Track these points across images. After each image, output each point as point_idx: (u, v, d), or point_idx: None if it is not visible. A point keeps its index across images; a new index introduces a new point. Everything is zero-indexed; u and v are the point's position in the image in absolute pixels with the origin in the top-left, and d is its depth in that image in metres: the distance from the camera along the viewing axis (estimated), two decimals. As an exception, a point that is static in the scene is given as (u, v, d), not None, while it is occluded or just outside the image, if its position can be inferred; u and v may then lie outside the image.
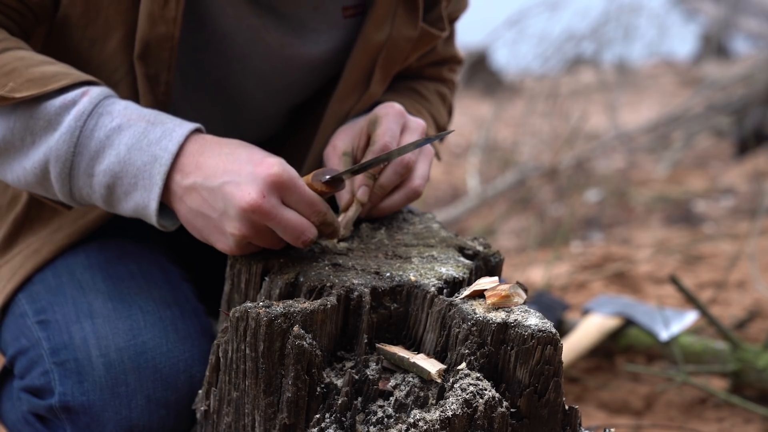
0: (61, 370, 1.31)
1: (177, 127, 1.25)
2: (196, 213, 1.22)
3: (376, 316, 1.18)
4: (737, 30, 10.48)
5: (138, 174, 1.23)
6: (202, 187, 1.21)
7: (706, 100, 6.15)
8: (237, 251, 1.23)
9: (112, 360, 1.30)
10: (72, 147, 1.24)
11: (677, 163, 5.72)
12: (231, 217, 1.19)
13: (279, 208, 1.18)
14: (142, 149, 1.23)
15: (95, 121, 1.24)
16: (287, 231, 1.20)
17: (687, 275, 3.29)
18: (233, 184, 1.19)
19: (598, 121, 6.42)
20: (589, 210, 4.88)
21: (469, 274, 1.25)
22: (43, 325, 1.36)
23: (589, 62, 7.26)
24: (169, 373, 1.32)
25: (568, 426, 1.12)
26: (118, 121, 1.24)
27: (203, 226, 1.23)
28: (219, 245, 1.23)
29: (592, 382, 2.48)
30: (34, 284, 1.41)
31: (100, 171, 1.25)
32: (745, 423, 2.20)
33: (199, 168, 1.22)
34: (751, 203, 4.66)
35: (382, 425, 1.08)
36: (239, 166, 1.20)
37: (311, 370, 1.11)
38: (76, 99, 1.25)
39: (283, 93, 1.51)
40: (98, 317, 1.33)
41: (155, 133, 1.24)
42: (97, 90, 1.27)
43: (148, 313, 1.35)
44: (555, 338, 1.09)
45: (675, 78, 9.01)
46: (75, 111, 1.24)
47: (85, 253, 1.42)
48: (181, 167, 1.22)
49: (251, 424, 1.16)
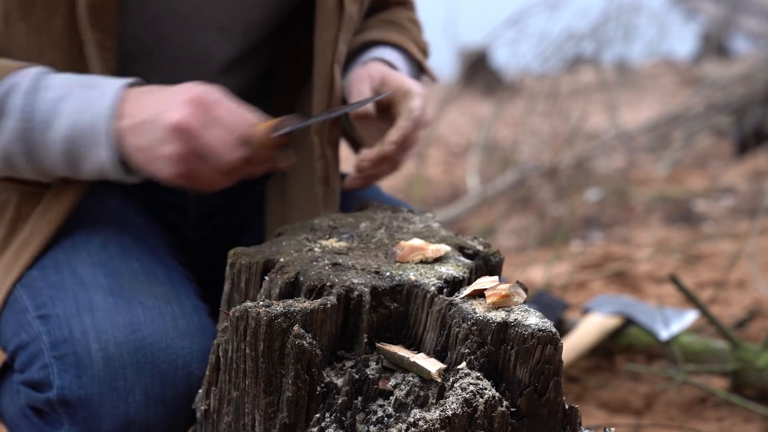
0: (60, 363, 1.31)
1: (112, 83, 1.34)
2: (139, 149, 1.31)
3: (376, 316, 1.18)
4: (737, 29, 10.48)
5: (87, 135, 1.32)
6: (138, 123, 1.31)
7: (706, 99, 6.14)
8: (177, 176, 1.31)
9: (111, 354, 1.30)
10: (25, 123, 1.33)
11: (677, 162, 5.71)
12: (164, 141, 1.28)
13: (203, 127, 1.28)
14: (84, 110, 1.32)
15: (40, 95, 1.33)
16: (213, 154, 1.29)
17: (687, 275, 3.29)
18: (163, 112, 1.29)
19: (598, 121, 6.42)
20: (589, 209, 4.88)
21: (469, 274, 1.25)
22: (43, 319, 1.36)
23: (589, 62, 7.25)
24: (167, 369, 1.32)
25: (568, 425, 1.12)
26: (58, 92, 1.33)
27: (147, 159, 1.31)
28: (162, 174, 1.31)
29: (592, 382, 2.48)
30: (35, 280, 1.41)
31: (54, 140, 1.33)
32: (745, 422, 2.20)
33: (136, 108, 1.32)
34: (751, 203, 4.65)
35: (382, 425, 1.08)
36: (169, 97, 1.31)
37: (311, 369, 1.11)
38: (17, 81, 1.33)
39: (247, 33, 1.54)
40: (98, 311, 1.34)
41: (93, 94, 1.33)
42: (34, 69, 1.35)
43: (149, 309, 1.35)
44: (555, 338, 1.09)
45: (675, 77, 9.01)
46: (20, 91, 1.32)
47: (87, 250, 1.43)
48: (120, 114, 1.32)
49: (251, 423, 1.16)
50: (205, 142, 1.28)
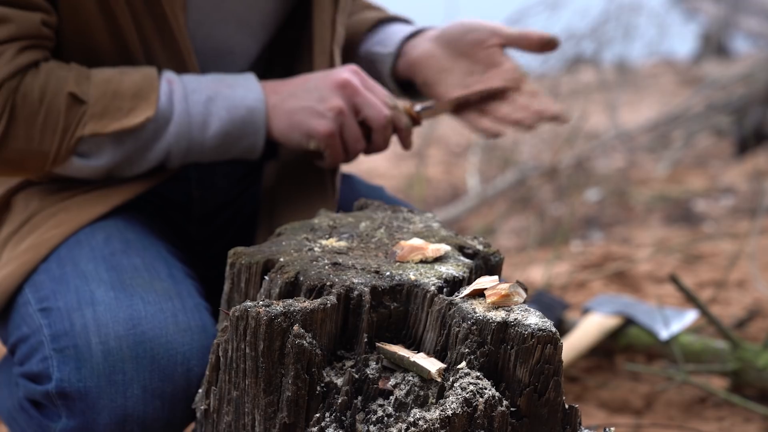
0: (60, 356, 1.32)
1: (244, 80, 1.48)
2: (293, 111, 1.46)
3: (376, 315, 1.18)
4: (737, 29, 10.47)
5: (243, 126, 1.46)
6: (295, 90, 1.47)
7: (706, 99, 6.14)
8: (330, 133, 1.45)
9: (110, 348, 1.31)
10: (185, 127, 1.44)
11: (677, 162, 5.71)
12: (326, 98, 1.44)
13: (363, 86, 1.46)
14: (237, 107, 1.45)
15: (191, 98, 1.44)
16: (372, 107, 1.46)
17: (687, 274, 3.29)
18: (321, 76, 1.47)
19: (598, 121, 6.42)
20: (589, 209, 4.88)
21: (469, 273, 1.25)
22: (45, 312, 1.37)
23: (588, 61, 7.25)
24: (166, 365, 1.32)
25: (568, 425, 1.12)
26: (206, 93, 1.45)
27: (301, 120, 1.45)
28: (319, 127, 1.45)
29: (591, 382, 2.48)
30: (38, 274, 1.42)
31: (210, 137, 1.46)
32: (744, 422, 2.20)
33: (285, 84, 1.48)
34: (751, 202, 4.65)
35: (382, 424, 1.08)
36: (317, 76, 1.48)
37: (311, 369, 1.11)
38: (170, 86, 1.43)
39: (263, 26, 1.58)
40: (99, 305, 1.34)
41: (237, 92, 1.46)
42: (167, 73, 1.45)
43: (149, 304, 1.36)
44: (555, 337, 1.09)
45: (675, 77, 9.01)
46: (178, 96, 1.43)
47: (90, 246, 1.44)
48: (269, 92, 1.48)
49: (251, 423, 1.16)
50: (364, 97, 1.45)
